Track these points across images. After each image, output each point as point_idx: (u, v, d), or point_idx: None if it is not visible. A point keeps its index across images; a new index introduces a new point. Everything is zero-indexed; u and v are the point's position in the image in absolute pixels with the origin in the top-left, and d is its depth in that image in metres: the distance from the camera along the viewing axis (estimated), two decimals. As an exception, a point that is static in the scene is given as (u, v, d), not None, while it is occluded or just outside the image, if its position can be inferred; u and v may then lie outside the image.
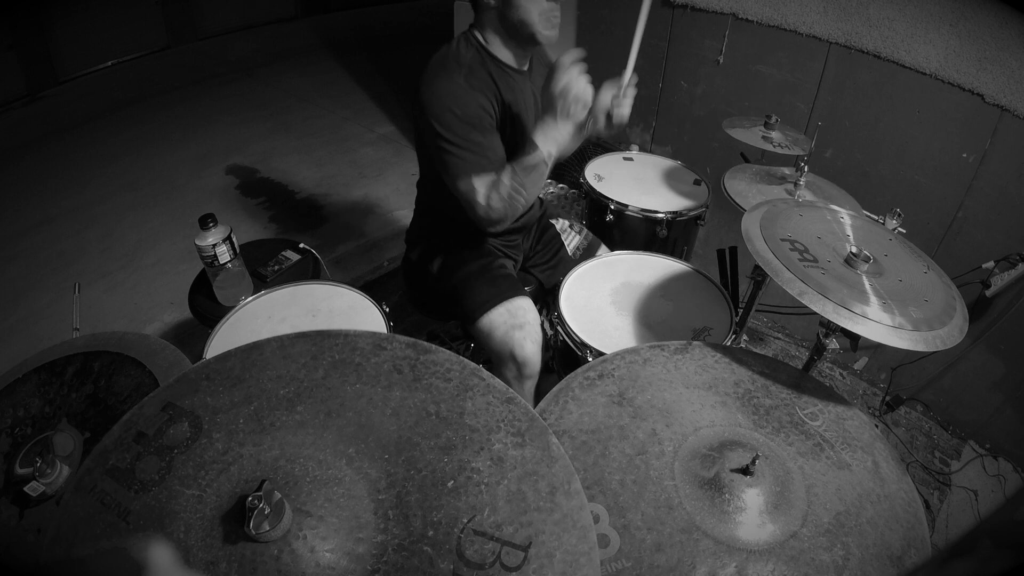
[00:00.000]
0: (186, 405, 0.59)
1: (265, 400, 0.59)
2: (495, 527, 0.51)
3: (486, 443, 0.55)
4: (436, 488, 0.54)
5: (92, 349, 0.97)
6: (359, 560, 0.51)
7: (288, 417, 0.58)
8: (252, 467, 0.55)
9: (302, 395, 0.60)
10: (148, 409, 0.60)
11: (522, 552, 0.50)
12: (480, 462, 0.55)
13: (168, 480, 0.55)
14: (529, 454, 0.55)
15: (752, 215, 1.10)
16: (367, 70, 4.81)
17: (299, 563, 0.50)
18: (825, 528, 0.75)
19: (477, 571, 0.49)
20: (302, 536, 0.51)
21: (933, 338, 0.89)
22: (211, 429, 0.58)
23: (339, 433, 0.57)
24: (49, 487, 0.80)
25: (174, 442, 0.57)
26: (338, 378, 0.61)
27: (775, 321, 2.44)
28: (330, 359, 0.62)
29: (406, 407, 0.58)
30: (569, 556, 0.50)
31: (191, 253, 1.38)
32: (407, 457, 0.56)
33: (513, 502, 0.52)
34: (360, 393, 0.60)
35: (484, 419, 0.57)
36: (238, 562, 0.50)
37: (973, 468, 1.93)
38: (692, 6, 2.15)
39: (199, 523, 0.52)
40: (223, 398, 0.60)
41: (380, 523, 0.53)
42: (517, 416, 0.57)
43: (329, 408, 0.59)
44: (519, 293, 1.36)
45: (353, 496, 0.54)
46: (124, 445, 0.57)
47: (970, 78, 1.64)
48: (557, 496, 0.53)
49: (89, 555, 0.50)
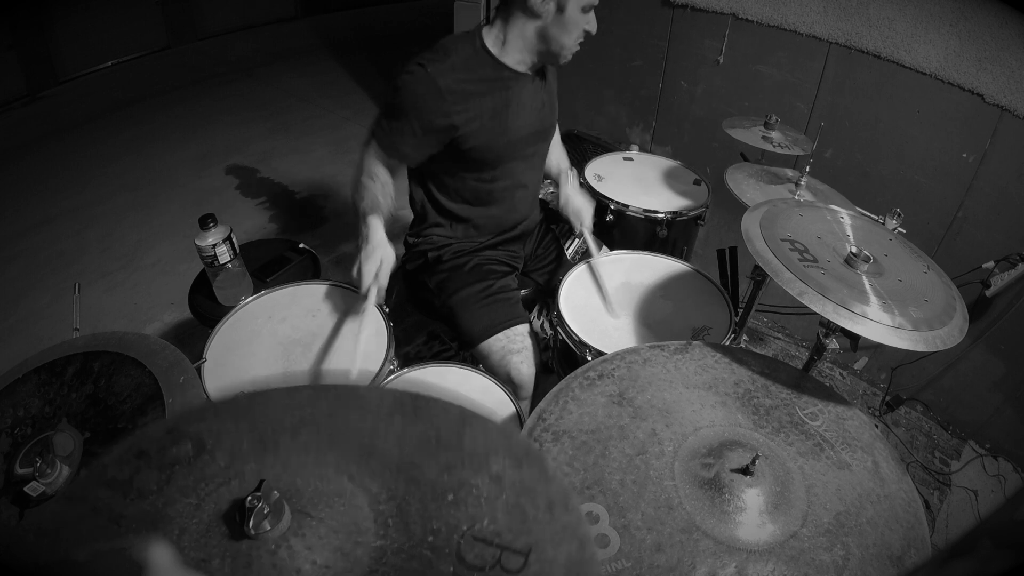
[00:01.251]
0: (190, 430, 0.60)
1: (269, 427, 0.61)
2: (495, 534, 0.52)
3: (484, 464, 0.57)
4: (436, 501, 0.55)
5: (92, 349, 0.97)
6: (357, 562, 0.51)
7: (292, 441, 0.60)
8: (254, 481, 0.56)
9: (306, 423, 0.62)
10: (153, 432, 0.61)
11: (522, 557, 0.50)
12: (479, 480, 0.56)
13: (166, 490, 0.55)
14: (527, 475, 0.56)
15: (752, 215, 1.10)
16: (367, 70, 4.81)
17: (295, 560, 0.50)
18: (825, 528, 0.75)
19: (477, 573, 0.50)
20: (300, 534, 0.51)
21: (933, 338, 0.89)
22: (214, 449, 0.59)
23: (342, 455, 0.59)
24: (49, 487, 0.80)
25: (175, 459, 0.58)
26: (342, 412, 0.63)
27: (775, 321, 2.44)
28: (333, 394, 0.66)
29: (407, 435, 0.60)
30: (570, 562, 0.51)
31: (191, 253, 1.38)
32: (408, 476, 0.57)
33: (512, 514, 0.53)
34: (362, 420, 0.62)
35: (483, 444, 0.59)
36: (232, 557, 0.50)
37: (973, 468, 1.93)
38: (692, 6, 2.15)
39: (195, 527, 0.53)
40: (228, 425, 0.62)
41: (380, 530, 0.53)
42: (514, 445, 0.60)
43: (332, 435, 0.61)
44: (517, 319, 1.38)
45: (354, 506, 0.55)
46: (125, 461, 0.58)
47: (970, 78, 1.64)
48: (555, 510, 0.54)
49: (89, 555, 0.50)
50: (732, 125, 1.70)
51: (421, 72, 1.20)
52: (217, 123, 3.89)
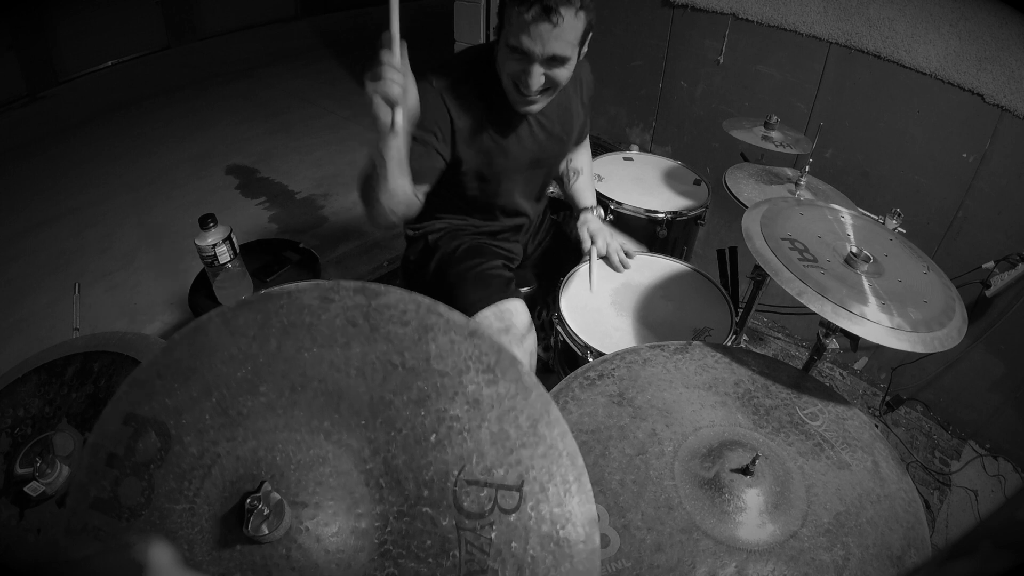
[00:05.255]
0: (146, 412, 0.56)
1: (225, 388, 0.56)
2: (486, 472, 0.51)
3: (459, 387, 0.54)
4: (420, 445, 0.53)
5: (92, 349, 0.97)
6: (365, 536, 0.51)
7: (253, 401, 0.56)
8: (233, 465, 0.54)
9: (260, 373, 0.56)
10: (110, 426, 0.56)
11: (517, 492, 0.51)
12: (457, 408, 0.53)
13: (155, 500, 0.54)
14: (504, 390, 0.54)
15: (752, 214, 1.10)
16: (367, 70, 4.80)
17: (310, 555, 0.50)
18: (825, 528, 0.75)
19: (479, 520, 0.50)
20: (304, 529, 0.51)
21: (931, 339, 0.89)
22: (180, 434, 0.55)
23: (309, 408, 0.55)
24: (49, 487, 0.81)
25: (147, 457, 0.55)
26: (292, 346, 0.57)
27: (775, 321, 2.44)
28: (279, 324, 0.57)
29: (369, 363, 0.55)
30: (561, 486, 0.51)
31: (191, 253, 1.38)
32: (384, 419, 0.54)
33: (498, 443, 0.52)
34: (319, 358, 0.56)
35: (452, 361, 0.55)
36: (252, 569, 0.50)
37: (973, 468, 1.93)
38: (692, 6, 2.15)
39: (200, 537, 0.52)
40: (181, 395, 0.56)
41: (375, 493, 0.53)
42: (484, 351, 0.55)
43: (292, 382, 0.56)
44: (509, 295, 1.33)
45: (341, 472, 0.53)
46: (99, 472, 0.55)
47: (970, 78, 1.64)
48: (539, 427, 0.53)
49: (89, 555, 0.50)
50: (732, 125, 1.70)
51: (431, 90, 1.17)
52: (217, 123, 3.89)
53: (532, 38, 1.04)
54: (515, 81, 1.13)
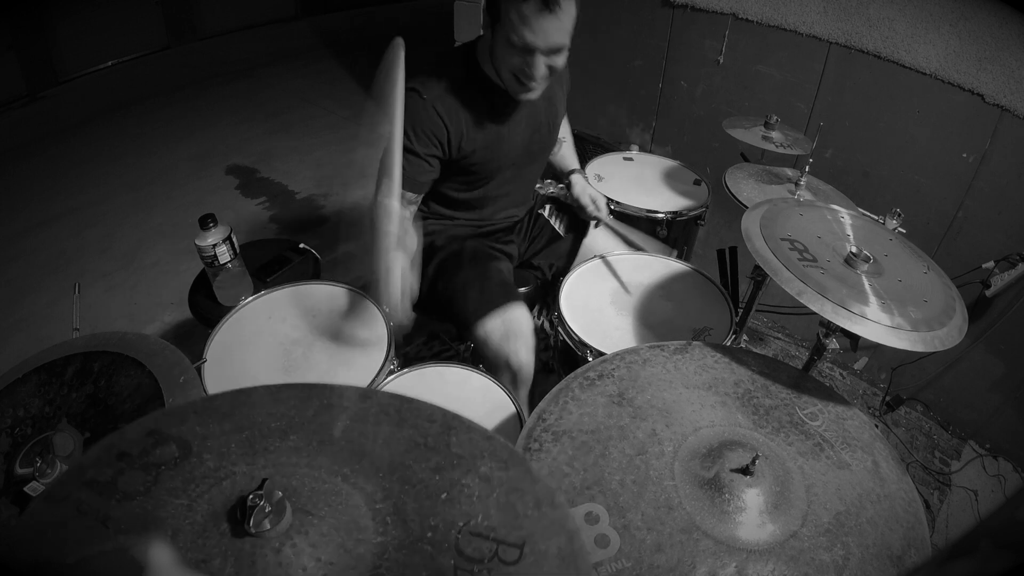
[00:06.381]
0: (173, 432, 0.59)
1: (257, 430, 0.61)
2: (490, 529, 0.54)
3: (473, 466, 0.59)
4: (431, 499, 0.56)
5: (92, 349, 0.97)
6: (361, 559, 0.52)
7: (281, 444, 0.60)
8: (246, 482, 0.56)
9: (294, 427, 0.62)
10: (131, 434, 0.59)
11: (517, 549, 0.52)
12: (469, 480, 0.58)
13: (155, 492, 0.54)
14: (513, 475, 0.59)
15: (752, 214, 1.10)
16: (367, 70, 4.79)
17: (300, 557, 0.51)
18: (825, 528, 0.75)
19: (477, 565, 0.51)
20: (303, 532, 0.52)
21: (932, 339, 0.89)
22: (201, 451, 0.58)
23: (333, 457, 0.59)
24: (49, 487, 0.80)
25: (161, 460, 0.57)
26: (328, 418, 0.64)
27: (775, 321, 2.44)
28: (318, 403, 0.65)
29: (395, 439, 0.62)
30: (561, 554, 0.53)
31: (191, 253, 1.38)
32: (400, 476, 0.58)
33: (504, 511, 0.55)
34: (350, 428, 0.63)
35: (469, 449, 0.61)
36: (235, 557, 0.50)
37: (973, 468, 1.93)
38: (692, 6, 2.15)
39: (189, 528, 0.52)
40: (213, 428, 0.60)
41: (379, 527, 0.54)
42: (498, 449, 0.62)
43: (322, 438, 0.61)
44: (513, 300, 1.36)
45: (351, 505, 0.55)
46: (105, 462, 0.56)
47: (970, 78, 1.64)
48: (543, 507, 0.56)
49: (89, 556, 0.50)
50: (732, 125, 1.70)
51: (415, 97, 1.20)
52: (217, 123, 3.89)
53: (535, 32, 1.06)
54: (516, 73, 1.16)
